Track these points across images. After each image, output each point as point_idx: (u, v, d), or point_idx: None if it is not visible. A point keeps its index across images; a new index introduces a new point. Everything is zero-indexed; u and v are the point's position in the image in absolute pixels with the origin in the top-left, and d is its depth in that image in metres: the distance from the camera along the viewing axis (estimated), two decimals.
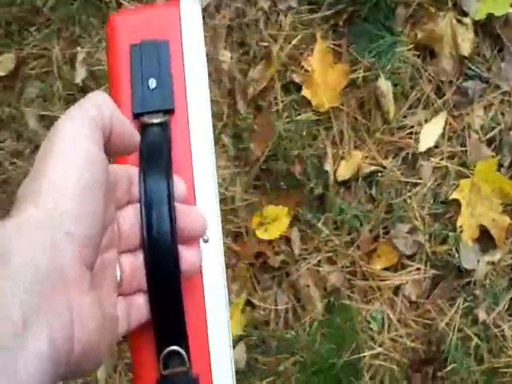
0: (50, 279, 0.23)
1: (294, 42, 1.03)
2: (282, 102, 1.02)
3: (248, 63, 1.03)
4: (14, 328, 0.21)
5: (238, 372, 0.35)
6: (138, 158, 0.32)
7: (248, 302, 0.99)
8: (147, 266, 0.30)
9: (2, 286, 0.21)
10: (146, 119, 0.34)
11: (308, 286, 0.98)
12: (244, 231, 1.00)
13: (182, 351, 0.32)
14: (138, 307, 0.31)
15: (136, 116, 0.35)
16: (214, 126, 0.36)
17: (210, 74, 0.36)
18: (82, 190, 0.26)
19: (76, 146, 0.26)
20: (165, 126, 0.35)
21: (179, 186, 0.32)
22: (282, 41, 1.03)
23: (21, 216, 0.24)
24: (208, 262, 0.34)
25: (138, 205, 0.31)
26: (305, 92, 1.03)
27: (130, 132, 0.30)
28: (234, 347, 0.35)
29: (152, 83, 0.36)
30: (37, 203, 0.25)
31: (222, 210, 0.36)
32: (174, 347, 0.32)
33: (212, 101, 0.36)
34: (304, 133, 1.01)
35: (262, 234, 0.99)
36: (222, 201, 0.98)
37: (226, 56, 1.02)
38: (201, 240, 0.34)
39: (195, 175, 0.35)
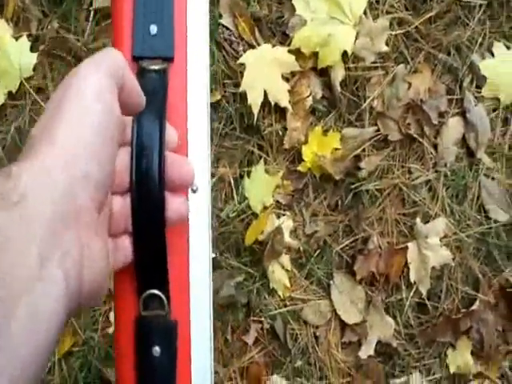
0: (65, 218, 0.24)
1: None
2: None
3: None
4: (31, 267, 0.22)
5: None
6: None
7: None
8: (133, 208, 0.31)
9: (21, 224, 0.22)
10: (145, 64, 0.34)
11: None
12: None
13: (162, 295, 0.33)
14: (124, 248, 0.31)
15: (135, 59, 0.35)
16: None
17: None
18: (98, 134, 0.26)
19: (92, 89, 0.27)
20: (163, 74, 0.34)
21: (171, 134, 0.32)
22: None
23: (37, 156, 0.25)
24: (195, 211, 0.34)
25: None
26: None
27: (138, 91, 0.30)
28: None
29: (153, 29, 0.35)
30: (54, 143, 0.25)
31: None
32: (155, 291, 0.32)
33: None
34: None
35: None
36: None
37: None
38: (189, 190, 0.34)
39: (189, 125, 0.35)
